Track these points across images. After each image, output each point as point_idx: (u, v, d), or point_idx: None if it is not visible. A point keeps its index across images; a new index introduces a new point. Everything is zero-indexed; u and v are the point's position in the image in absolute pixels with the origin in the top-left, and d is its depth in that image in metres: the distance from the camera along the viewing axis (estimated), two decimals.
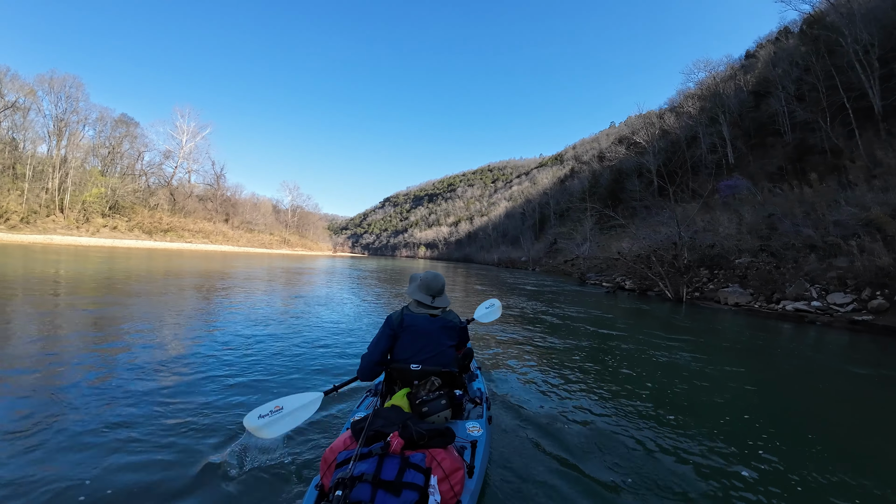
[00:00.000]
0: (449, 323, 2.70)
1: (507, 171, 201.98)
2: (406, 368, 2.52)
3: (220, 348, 5.06)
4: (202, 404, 3.29)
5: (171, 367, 4.19)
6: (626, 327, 8.79)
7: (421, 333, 2.59)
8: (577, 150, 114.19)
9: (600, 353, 6.23)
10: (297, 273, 20.92)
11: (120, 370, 4.02)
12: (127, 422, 2.92)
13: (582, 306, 12.15)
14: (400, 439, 1.74)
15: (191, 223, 58.24)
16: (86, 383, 3.59)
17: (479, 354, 5.13)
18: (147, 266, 17.83)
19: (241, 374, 4.14)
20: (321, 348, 5.49)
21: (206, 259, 28.26)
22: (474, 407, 2.72)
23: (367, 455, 1.68)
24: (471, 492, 1.84)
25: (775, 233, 12.82)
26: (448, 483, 1.70)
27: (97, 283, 10.78)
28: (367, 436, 1.81)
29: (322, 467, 1.81)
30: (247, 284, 13.33)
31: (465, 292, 16.46)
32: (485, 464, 2.26)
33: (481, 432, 2.34)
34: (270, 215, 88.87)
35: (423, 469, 1.66)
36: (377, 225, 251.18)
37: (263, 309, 8.51)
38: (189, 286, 11.63)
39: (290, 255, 61.66)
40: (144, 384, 3.65)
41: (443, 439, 1.83)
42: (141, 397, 3.36)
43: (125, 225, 51.18)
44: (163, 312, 7.27)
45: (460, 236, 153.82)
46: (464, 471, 1.82)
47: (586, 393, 4.15)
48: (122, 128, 58.32)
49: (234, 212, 72.68)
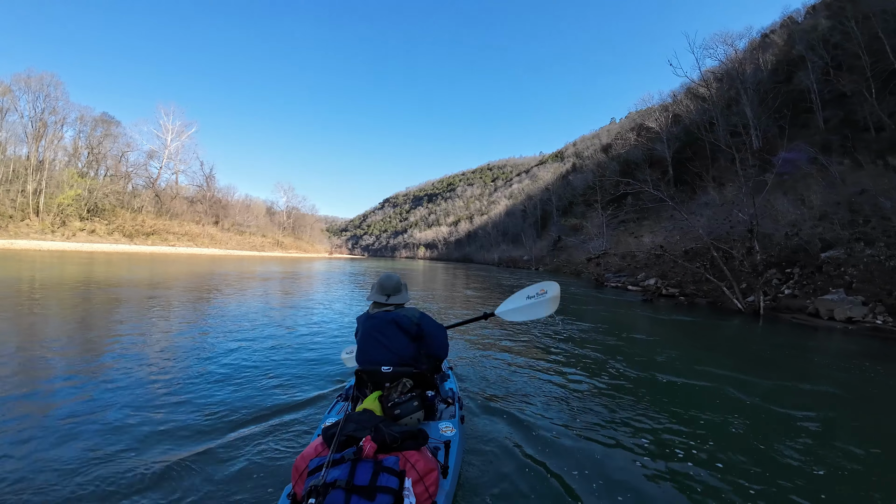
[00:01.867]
0: (400, 317, 2.57)
1: (506, 169, 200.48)
2: (376, 371, 2.45)
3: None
4: (169, 414, 3.11)
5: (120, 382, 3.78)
6: (699, 361, 6.02)
7: (374, 331, 2.55)
8: (577, 147, 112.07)
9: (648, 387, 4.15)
10: (265, 279, 18.22)
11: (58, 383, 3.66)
12: (92, 431, 2.79)
13: (613, 323, 9.31)
14: (373, 443, 1.72)
15: (176, 226, 55.57)
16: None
17: (462, 360, 5.06)
18: (85, 273, 15.08)
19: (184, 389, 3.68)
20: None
21: (175, 263, 25.62)
22: (447, 407, 2.71)
23: (339, 461, 1.66)
24: (445, 492, 1.84)
25: (861, 216, 9.63)
26: (423, 485, 1.69)
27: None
28: (339, 441, 1.77)
29: (294, 475, 1.78)
30: (173, 297, 10.55)
31: (451, 301, 13.58)
32: (459, 463, 2.24)
33: (454, 432, 2.34)
34: (264, 217, 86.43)
35: (397, 472, 1.64)
36: (377, 226, 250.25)
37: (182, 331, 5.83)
38: (97, 300, 8.87)
39: (282, 257, 59.03)
40: (103, 395, 3.43)
41: (416, 441, 1.83)
42: (102, 406, 3.21)
43: (104, 228, 48.56)
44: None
45: (460, 236, 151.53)
46: (438, 471, 1.81)
47: (559, 385, 4.20)
48: (102, 127, 55.67)
49: (224, 214, 70.03)
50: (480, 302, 12.32)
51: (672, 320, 9.31)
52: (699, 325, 8.79)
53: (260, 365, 4.54)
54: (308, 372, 4.37)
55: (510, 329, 7.15)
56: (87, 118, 55.19)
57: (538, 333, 7.02)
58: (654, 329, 8.39)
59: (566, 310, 10.91)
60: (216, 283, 13.86)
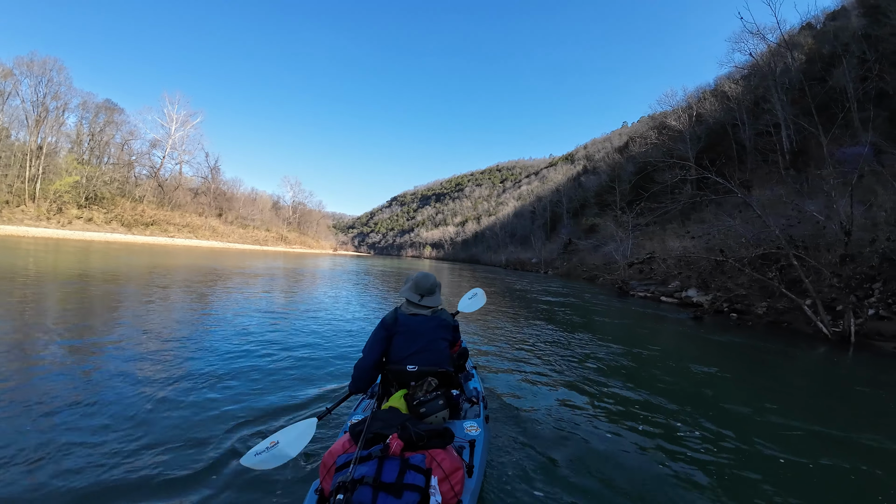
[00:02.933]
0: (442, 322, 2.67)
1: (515, 170, 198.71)
2: (402, 370, 2.49)
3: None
4: (195, 411, 3.12)
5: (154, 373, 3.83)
6: (788, 410, 4.29)
7: (415, 333, 2.57)
8: (588, 150, 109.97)
9: None
10: (254, 276, 16.59)
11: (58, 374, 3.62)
12: (121, 426, 2.78)
13: (655, 342, 7.57)
14: (399, 441, 1.72)
15: (177, 217, 54.36)
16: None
17: (476, 356, 5.15)
18: (46, 263, 13.55)
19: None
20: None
21: (161, 255, 24.15)
22: (471, 406, 2.70)
23: (366, 458, 1.68)
24: (471, 491, 1.83)
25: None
26: (448, 483, 1.69)
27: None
28: (366, 438, 1.78)
29: (321, 471, 1.79)
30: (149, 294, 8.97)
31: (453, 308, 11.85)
32: (484, 463, 2.22)
33: (479, 431, 2.33)
34: (269, 211, 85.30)
35: (424, 470, 1.65)
36: (384, 224, 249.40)
37: None
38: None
39: (285, 252, 57.67)
40: (130, 389, 3.43)
41: (442, 440, 1.82)
42: (132, 401, 3.20)
43: (103, 217, 47.43)
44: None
45: (467, 236, 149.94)
46: (463, 470, 1.81)
47: (585, 393, 4.12)
48: (104, 114, 54.56)
49: (228, 206, 68.89)
50: (493, 313, 10.57)
51: (732, 344, 7.43)
52: (774, 354, 6.88)
53: (283, 362, 4.57)
54: (336, 369, 4.46)
55: (538, 333, 7.24)
56: (90, 104, 54.09)
57: (566, 340, 6.83)
58: (709, 355, 6.60)
59: (594, 324, 9.14)
60: (185, 280, 12.22)
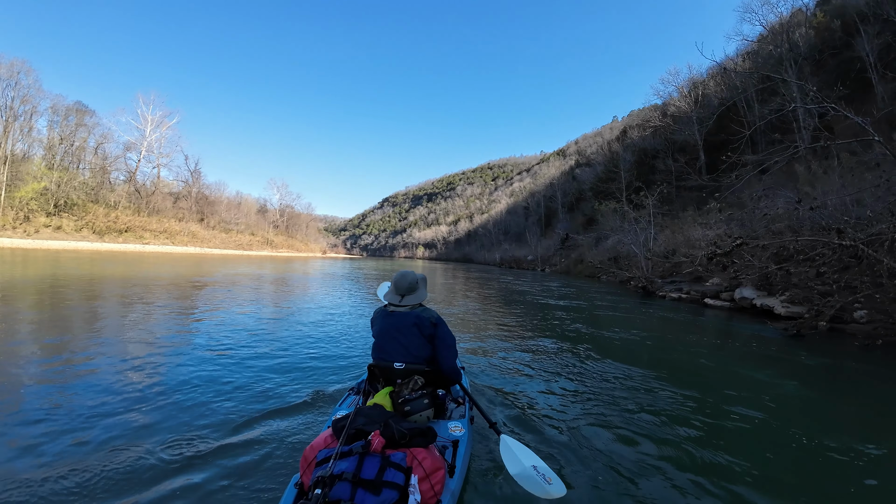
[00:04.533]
0: (419, 318, 2.58)
1: (507, 168, 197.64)
2: (389, 367, 2.48)
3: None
4: (178, 403, 3.21)
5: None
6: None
7: (392, 329, 2.56)
8: (579, 145, 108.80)
9: None
10: (197, 286, 14.40)
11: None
12: (100, 424, 2.81)
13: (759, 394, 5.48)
14: (381, 438, 1.72)
15: (154, 223, 51.61)
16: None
17: (464, 358, 4.92)
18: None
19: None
20: None
21: (123, 264, 21.82)
22: (457, 407, 2.69)
23: (347, 453, 1.67)
24: (451, 491, 1.82)
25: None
26: (429, 482, 1.68)
27: None
28: (348, 434, 1.77)
29: (302, 465, 1.80)
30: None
31: (447, 315, 9.81)
32: (466, 464, 2.23)
33: (463, 432, 2.31)
34: (256, 215, 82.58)
35: (404, 468, 1.64)
36: (376, 225, 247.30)
37: None
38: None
39: (270, 257, 55.19)
40: (112, 385, 3.56)
41: (424, 438, 1.81)
42: (113, 395, 3.31)
43: (73, 225, 44.70)
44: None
45: (459, 235, 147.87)
46: (444, 470, 1.80)
47: (573, 391, 4.03)
48: (74, 117, 51.70)
49: (211, 211, 66.11)
50: (499, 325, 8.54)
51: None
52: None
53: (273, 358, 4.64)
54: (321, 365, 4.47)
55: (530, 340, 6.69)
56: (60, 107, 51.37)
57: (590, 364, 5.50)
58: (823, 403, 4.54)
59: (624, 343, 7.11)
60: (101, 292, 10.01)
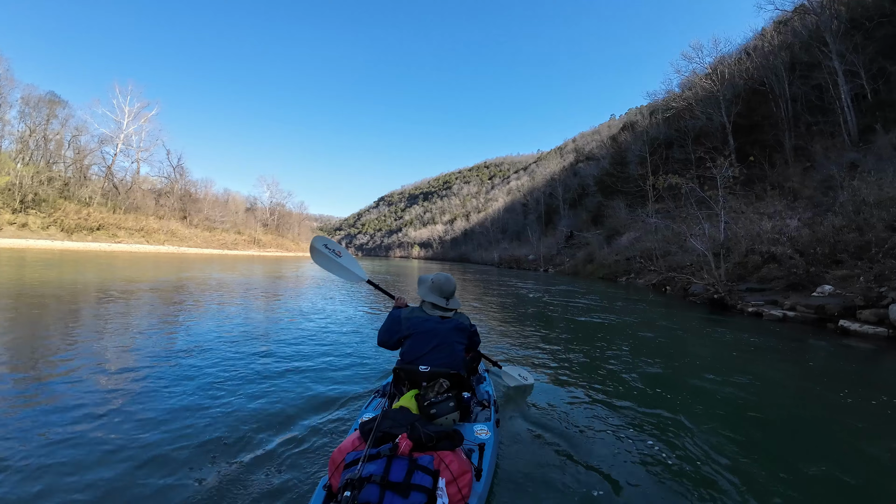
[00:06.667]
0: (460, 325, 2.62)
1: (504, 166, 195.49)
2: (415, 370, 2.44)
3: None
4: (206, 407, 3.23)
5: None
6: None
7: (432, 335, 2.52)
8: (577, 143, 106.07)
9: None
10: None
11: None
12: (127, 428, 2.82)
13: None
14: (408, 441, 1.71)
15: (130, 220, 48.39)
16: None
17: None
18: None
19: None
20: None
21: (75, 264, 18.86)
22: (482, 410, 2.69)
23: (375, 456, 1.66)
24: (478, 495, 1.81)
25: None
26: (456, 486, 1.67)
27: None
28: (375, 437, 1.77)
29: (330, 468, 1.79)
30: None
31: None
32: (492, 467, 2.21)
33: (489, 435, 2.31)
34: (245, 213, 79.35)
35: (432, 471, 1.64)
36: (371, 225, 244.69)
37: None
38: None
39: (256, 256, 52.21)
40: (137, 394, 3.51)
41: (451, 441, 1.81)
42: (139, 402, 3.30)
43: (40, 222, 41.45)
44: None
45: (456, 234, 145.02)
46: (472, 473, 1.79)
47: (603, 396, 3.89)
48: (46, 108, 48.41)
49: (196, 208, 62.80)
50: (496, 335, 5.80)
51: None
52: None
53: (301, 361, 4.69)
54: (348, 368, 4.49)
55: (556, 342, 6.45)
56: (31, 98, 48.17)
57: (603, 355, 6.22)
58: None
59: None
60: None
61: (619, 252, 25.82)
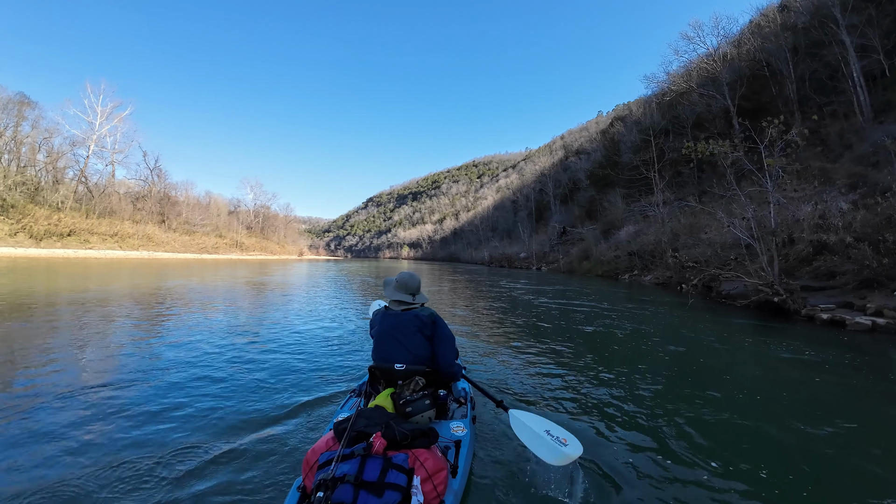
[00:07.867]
0: (418, 315, 2.53)
1: (492, 165, 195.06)
2: (389, 368, 2.42)
3: None
4: (175, 410, 3.14)
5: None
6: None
7: (393, 328, 2.50)
8: (566, 140, 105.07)
9: None
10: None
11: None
12: (98, 429, 2.77)
13: None
14: (383, 440, 1.69)
15: (104, 225, 46.19)
16: None
17: (468, 358, 4.90)
18: None
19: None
20: None
21: (30, 272, 17.17)
22: (459, 407, 2.65)
23: (349, 456, 1.64)
24: (454, 492, 1.78)
25: None
26: (431, 483, 1.65)
27: None
28: (349, 436, 1.74)
29: (304, 468, 1.76)
30: None
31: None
32: (469, 464, 2.18)
33: (465, 432, 2.27)
34: (228, 216, 77.05)
35: (406, 469, 1.62)
36: (360, 226, 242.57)
37: None
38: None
39: (237, 261, 50.29)
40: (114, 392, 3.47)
41: (426, 439, 1.78)
42: (111, 404, 3.22)
43: (7, 229, 39.16)
44: None
45: (445, 234, 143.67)
46: (447, 471, 1.76)
47: (578, 390, 3.84)
48: (14, 108, 45.98)
49: (175, 212, 60.52)
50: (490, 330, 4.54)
51: None
52: None
53: (274, 361, 4.62)
54: (322, 368, 4.42)
55: (531, 338, 6.26)
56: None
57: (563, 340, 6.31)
58: None
59: None
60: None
61: (619, 247, 24.62)
